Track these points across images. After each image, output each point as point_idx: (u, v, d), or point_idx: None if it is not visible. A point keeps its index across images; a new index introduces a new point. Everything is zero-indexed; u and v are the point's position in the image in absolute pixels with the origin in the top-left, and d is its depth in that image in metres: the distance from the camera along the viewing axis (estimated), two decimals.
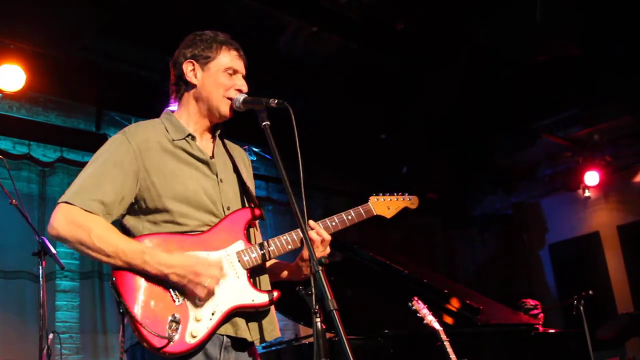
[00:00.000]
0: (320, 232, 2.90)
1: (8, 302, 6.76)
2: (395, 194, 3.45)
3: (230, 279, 2.77)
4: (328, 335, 2.48)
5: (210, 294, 2.67)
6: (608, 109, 9.43)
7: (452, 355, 4.49)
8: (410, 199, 3.51)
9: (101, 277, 7.46)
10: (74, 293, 7.34)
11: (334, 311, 2.34)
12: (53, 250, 5.00)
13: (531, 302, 7.78)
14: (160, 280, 2.65)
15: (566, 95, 9.13)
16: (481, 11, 7.22)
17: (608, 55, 8.13)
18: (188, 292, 2.65)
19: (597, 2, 7.18)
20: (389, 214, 3.38)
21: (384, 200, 3.39)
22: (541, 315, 7.72)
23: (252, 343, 2.84)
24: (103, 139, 7.56)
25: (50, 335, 5.16)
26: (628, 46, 7.94)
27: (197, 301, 2.66)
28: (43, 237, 5.03)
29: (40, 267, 4.99)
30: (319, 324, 2.37)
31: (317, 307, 2.39)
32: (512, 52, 7.91)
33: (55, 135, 7.42)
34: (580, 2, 7.18)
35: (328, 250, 2.96)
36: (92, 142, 7.56)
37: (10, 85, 6.59)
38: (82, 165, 7.33)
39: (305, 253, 2.91)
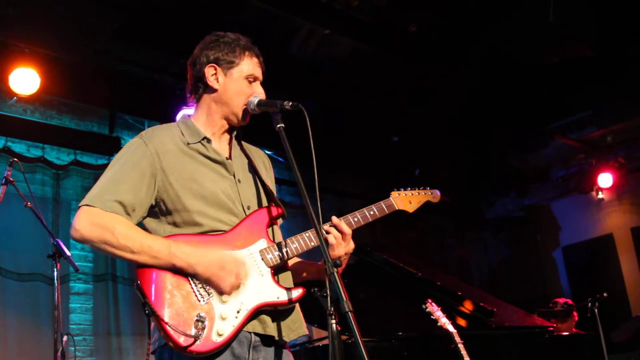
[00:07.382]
0: (341, 227, 2.89)
1: (23, 304, 6.80)
2: (416, 189, 3.44)
3: (254, 277, 2.77)
4: (342, 337, 2.46)
5: (235, 288, 2.67)
6: (621, 110, 9.38)
7: (466, 358, 4.47)
8: (432, 193, 3.50)
9: (115, 280, 7.48)
10: (87, 295, 7.38)
11: (350, 313, 2.33)
12: (67, 253, 5.03)
13: (561, 302, 7.57)
14: (185, 278, 2.66)
15: (579, 97, 9.09)
16: (494, 12, 7.20)
17: (621, 56, 8.09)
18: (213, 286, 2.66)
19: (611, 3, 7.16)
20: (411, 208, 3.36)
21: (406, 194, 3.37)
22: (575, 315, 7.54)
23: (282, 343, 2.84)
24: (116, 141, 7.68)
25: (64, 338, 5.17)
26: None
27: (223, 297, 2.66)
28: (58, 240, 5.06)
29: (55, 270, 5.02)
30: (334, 325, 2.37)
31: (332, 308, 2.38)
32: (525, 54, 7.90)
33: (69, 138, 7.46)
34: (594, 3, 7.16)
35: (352, 245, 2.94)
36: (106, 145, 7.62)
37: (24, 89, 6.64)
38: (95, 168, 7.49)
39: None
